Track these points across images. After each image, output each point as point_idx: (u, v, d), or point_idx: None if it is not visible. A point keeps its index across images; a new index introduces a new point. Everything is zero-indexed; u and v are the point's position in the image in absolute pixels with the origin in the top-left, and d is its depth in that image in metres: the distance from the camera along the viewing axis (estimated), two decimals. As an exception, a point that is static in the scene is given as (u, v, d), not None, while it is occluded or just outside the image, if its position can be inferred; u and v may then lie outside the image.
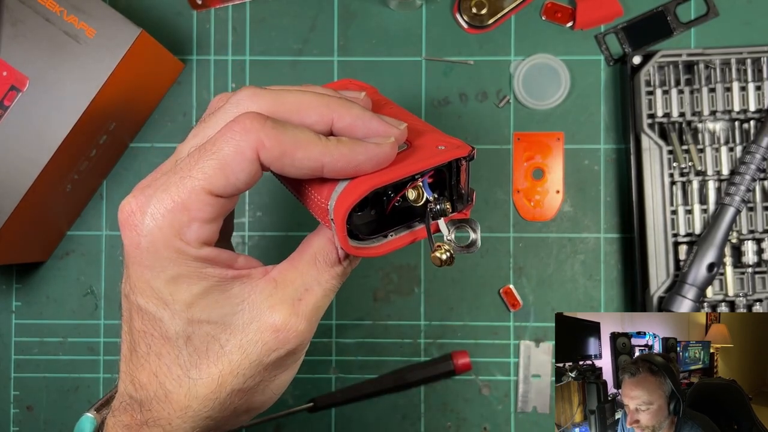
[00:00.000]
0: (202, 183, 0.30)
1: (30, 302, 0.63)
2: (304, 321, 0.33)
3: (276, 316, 0.32)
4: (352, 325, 0.62)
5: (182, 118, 0.63)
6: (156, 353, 0.32)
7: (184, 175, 0.30)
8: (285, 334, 0.32)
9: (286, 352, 0.33)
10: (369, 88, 0.42)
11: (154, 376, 0.32)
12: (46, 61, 0.53)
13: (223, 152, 0.30)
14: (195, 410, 0.32)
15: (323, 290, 0.34)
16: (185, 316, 0.31)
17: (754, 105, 0.58)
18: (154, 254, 0.30)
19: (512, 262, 0.62)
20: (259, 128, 0.29)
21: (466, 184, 0.35)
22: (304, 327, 0.33)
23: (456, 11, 0.62)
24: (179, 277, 0.31)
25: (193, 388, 0.32)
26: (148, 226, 0.30)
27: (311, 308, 0.33)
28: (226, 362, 0.32)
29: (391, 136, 0.32)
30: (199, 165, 0.30)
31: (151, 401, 0.32)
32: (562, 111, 0.62)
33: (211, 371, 0.32)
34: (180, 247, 0.30)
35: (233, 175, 0.30)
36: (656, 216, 0.58)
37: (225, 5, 0.63)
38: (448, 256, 0.33)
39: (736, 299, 0.58)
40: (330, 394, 0.61)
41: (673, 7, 0.62)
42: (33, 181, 0.53)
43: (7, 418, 0.62)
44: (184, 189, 0.30)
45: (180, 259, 0.31)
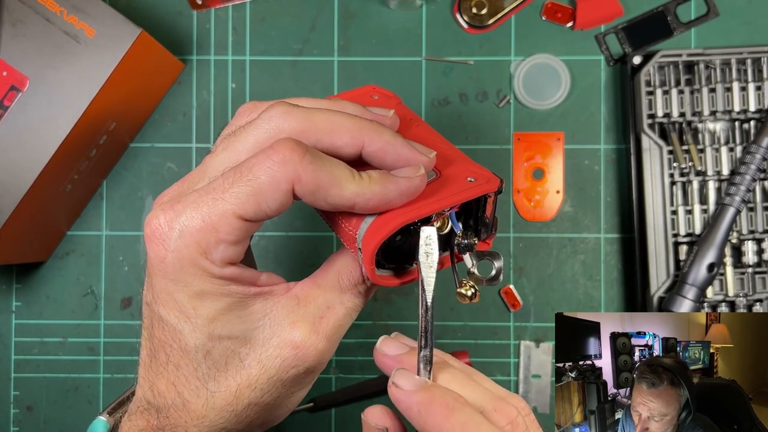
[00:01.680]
0: (234, 207, 0.30)
1: (30, 302, 0.63)
2: (324, 339, 0.33)
3: (296, 332, 0.32)
4: (352, 325, 0.62)
5: (182, 118, 0.63)
6: (175, 364, 0.32)
7: (216, 197, 0.30)
8: (304, 351, 0.32)
9: (305, 370, 0.33)
10: (393, 97, 0.41)
11: (172, 385, 0.32)
12: (46, 61, 0.53)
13: (259, 180, 0.29)
14: (212, 420, 0.32)
15: (345, 309, 0.34)
16: (206, 331, 0.31)
17: (754, 105, 0.58)
18: (179, 270, 0.30)
19: (512, 262, 0.62)
20: (297, 161, 0.29)
21: (492, 215, 0.34)
22: (324, 345, 0.33)
23: (456, 11, 0.62)
24: (203, 293, 0.31)
25: (211, 399, 0.32)
26: (175, 242, 0.30)
27: (332, 326, 0.33)
28: (245, 376, 0.32)
29: (421, 167, 0.32)
30: (234, 189, 0.30)
31: (169, 408, 0.32)
32: (562, 111, 0.62)
33: (229, 384, 0.32)
34: (205, 266, 0.30)
35: (266, 203, 0.30)
36: (656, 216, 0.58)
37: (225, 5, 0.63)
38: (473, 292, 0.32)
39: (737, 299, 0.58)
40: (330, 394, 0.61)
41: (673, 7, 0.62)
42: (33, 181, 0.53)
43: (7, 418, 0.62)
44: (215, 211, 0.30)
45: (205, 277, 0.31)
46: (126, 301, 0.63)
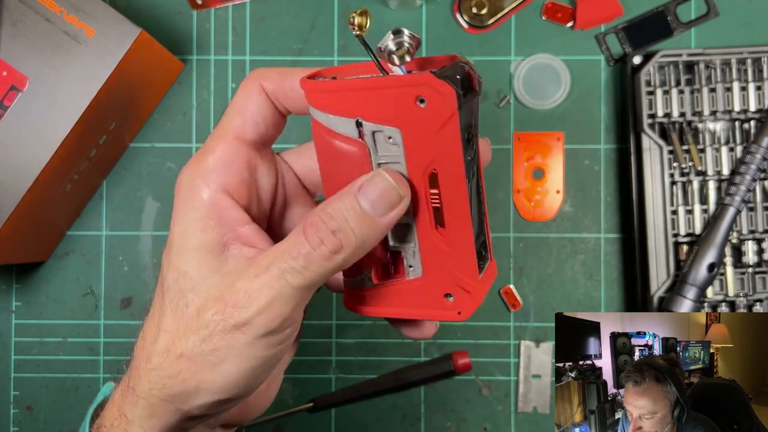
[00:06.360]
0: (230, 130, 0.34)
1: (30, 302, 0.63)
2: (258, 301, 0.31)
3: (231, 290, 0.32)
4: (352, 325, 0.62)
5: (182, 118, 0.63)
6: (156, 303, 0.34)
7: (214, 133, 0.35)
8: (232, 310, 0.32)
9: (232, 327, 0.32)
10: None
11: (146, 325, 0.34)
12: (46, 61, 0.53)
13: (236, 99, 0.35)
14: (154, 366, 0.32)
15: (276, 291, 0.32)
16: (180, 267, 0.33)
17: (754, 105, 0.58)
18: (183, 195, 0.34)
19: (512, 262, 0.62)
20: (260, 71, 0.35)
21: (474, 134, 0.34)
22: (253, 311, 0.31)
23: (456, 11, 0.62)
24: (194, 221, 0.33)
25: (158, 338, 0.32)
26: (183, 175, 0.34)
27: (267, 289, 0.32)
28: (183, 322, 0.32)
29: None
30: (224, 118, 0.34)
31: (139, 351, 0.33)
32: (562, 111, 0.62)
33: (170, 327, 0.32)
34: (197, 185, 0.34)
35: (248, 111, 0.34)
36: (656, 216, 0.58)
37: (225, 5, 0.63)
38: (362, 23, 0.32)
39: (737, 299, 0.58)
40: (330, 394, 0.61)
41: (673, 7, 0.62)
42: (33, 181, 0.53)
43: (7, 418, 0.62)
44: (211, 140, 0.34)
45: (196, 200, 0.33)
46: (126, 301, 0.63)
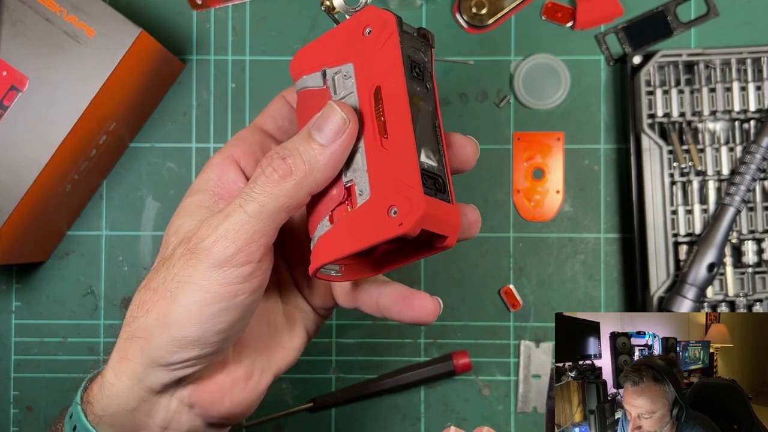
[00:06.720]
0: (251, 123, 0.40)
1: (30, 302, 0.63)
2: (217, 230, 0.33)
3: (200, 226, 0.34)
4: (352, 325, 0.62)
5: (182, 118, 0.63)
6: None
7: None
8: (195, 241, 0.33)
9: (191, 254, 0.33)
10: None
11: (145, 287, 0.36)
12: (46, 61, 0.53)
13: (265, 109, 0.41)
14: (131, 307, 0.35)
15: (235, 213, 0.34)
16: (173, 221, 0.36)
17: (754, 105, 0.58)
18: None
19: (512, 262, 0.62)
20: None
21: None
22: (212, 237, 0.33)
23: (456, 11, 0.62)
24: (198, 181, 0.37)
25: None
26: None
27: (223, 216, 0.33)
28: (159, 262, 0.35)
29: None
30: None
31: (136, 312, 0.35)
32: (562, 111, 0.62)
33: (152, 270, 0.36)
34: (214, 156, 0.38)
35: (269, 109, 0.40)
36: (656, 216, 0.58)
37: (225, 5, 0.63)
38: None
39: (737, 299, 0.58)
40: (330, 394, 0.61)
41: (673, 7, 0.62)
42: (33, 181, 0.53)
43: (7, 418, 0.62)
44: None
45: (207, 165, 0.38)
46: (126, 301, 0.63)
